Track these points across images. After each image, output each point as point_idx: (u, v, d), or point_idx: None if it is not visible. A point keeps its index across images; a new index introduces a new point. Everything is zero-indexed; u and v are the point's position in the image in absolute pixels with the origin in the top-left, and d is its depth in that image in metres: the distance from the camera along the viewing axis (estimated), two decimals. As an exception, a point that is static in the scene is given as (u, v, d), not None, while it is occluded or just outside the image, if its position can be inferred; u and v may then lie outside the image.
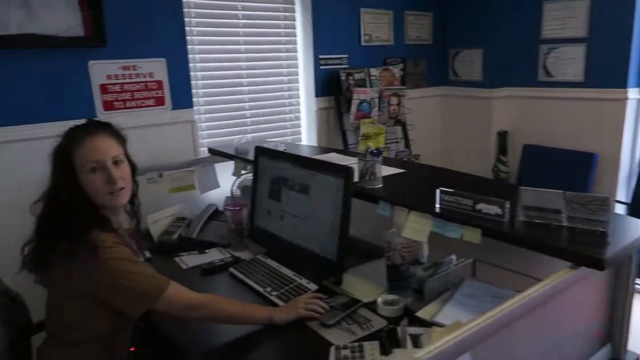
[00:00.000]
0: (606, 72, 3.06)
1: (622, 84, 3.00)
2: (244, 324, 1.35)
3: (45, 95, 2.09)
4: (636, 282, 1.29)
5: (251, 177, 2.22)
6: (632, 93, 3.02)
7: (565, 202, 1.15)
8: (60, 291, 1.27)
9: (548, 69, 3.34)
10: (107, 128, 1.34)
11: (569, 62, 3.23)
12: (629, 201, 3.06)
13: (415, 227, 1.34)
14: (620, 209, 3.03)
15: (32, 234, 1.29)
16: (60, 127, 1.35)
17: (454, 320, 1.25)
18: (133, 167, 1.40)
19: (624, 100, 3.01)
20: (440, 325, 1.25)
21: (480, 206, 1.24)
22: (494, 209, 1.22)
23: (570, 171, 3.22)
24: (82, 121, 1.35)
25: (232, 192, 2.38)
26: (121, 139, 1.37)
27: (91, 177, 1.27)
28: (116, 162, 1.31)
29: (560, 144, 3.34)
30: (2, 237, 1.44)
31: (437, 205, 1.33)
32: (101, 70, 2.21)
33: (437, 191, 1.33)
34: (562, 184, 1.28)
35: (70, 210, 1.25)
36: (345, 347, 1.22)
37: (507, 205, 1.21)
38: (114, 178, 1.28)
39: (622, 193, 3.17)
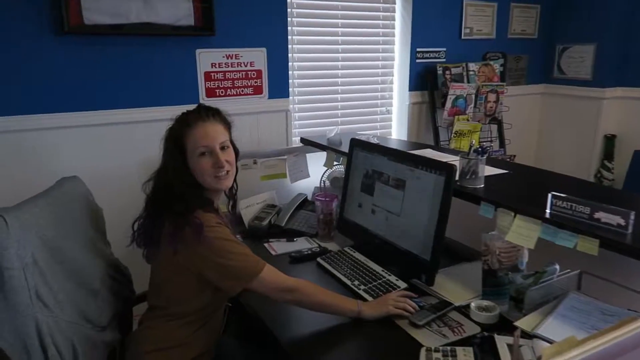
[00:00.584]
0: None
1: None
2: (332, 313, 1.36)
3: (157, 81, 2.22)
4: None
5: (341, 169, 2.22)
6: None
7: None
8: (165, 267, 1.35)
9: (672, 68, 3.01)
10: (217, 114, 1.39)
11: (698, 61, 2.89)
12: None
13: (521, 232, 1.26)
14: None
15: (141, 211, 1.38)
16: (164, 112, 1.43)
17: (559, 334, 1.17)
18: (236, 153, 1.45)
19: None
20: (545, 339, 1.17)
21: (599, 215, 1.14)
22: (615, 219, 1.11)
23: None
24: (193, 106, 1.41)
25: (321, 183, 2.40)
26: (228, 125, 1.43)
27: (200, 160, 1.34)
28: (223, 148, 1.37)
29: (678, 153, 3.01)
30: (118, 213, 1.55)
31: (548, 211, 1.24)
32: (207, 59, 2.31)
33: (549, 195, 1.24)
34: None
35: (177, 190, 1.31)
36: (436, 350, 1.18)
37: (632, 216, 1.10)
38: (222, 162, 1.34)
39: None
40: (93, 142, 2.14)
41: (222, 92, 2.38)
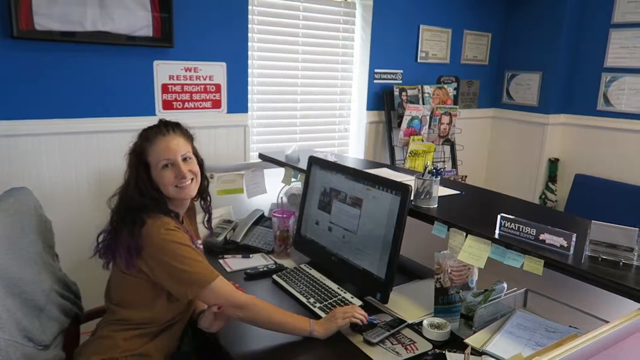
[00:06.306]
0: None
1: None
2: (284, 332, 1.35)
3: (111, 91, 2.16)
4: None
5: (299, 186, 2.23)
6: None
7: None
8: (122, 269, 1.35)
9: (608, 98, 3.23)
10: (177, 128, 1.44)
11: (632, 93, 3.12)
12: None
13: (472, 252, 1.30)
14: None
15: (106, 224, 1.39)
16: (118, 123, 1.40)
17: (506, 351, 1.21)
18: (201, 163, 1.49)
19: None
20: (494, 356, 1.21)
21: (544, 236, 1.20)
22: (558, 241, 1.17)
23: (623, 205, 3.09)
24: (152, 119, 1.41)
25: (278, 199, 2.39)
26: (189, 137, 1.47)
27: (163, 173, 1.38)
28: (185, 159, 1.41)
29: (615, 177, 3.22)
30: (68, 225, 1.49)
31: (497, 231, 1.30)
32: (165, 70, 2.28)
33: (498, 217, 1.29)
34: (613, 218, 1.23)
35: (137, 203, 1.35)
36: (390, 368, 1.20)
37: (574, 238, 1.16)
38: (184, 173, 1.38)
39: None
40: (43, 152, 2.04)
41: (179, 105, 2.35)
